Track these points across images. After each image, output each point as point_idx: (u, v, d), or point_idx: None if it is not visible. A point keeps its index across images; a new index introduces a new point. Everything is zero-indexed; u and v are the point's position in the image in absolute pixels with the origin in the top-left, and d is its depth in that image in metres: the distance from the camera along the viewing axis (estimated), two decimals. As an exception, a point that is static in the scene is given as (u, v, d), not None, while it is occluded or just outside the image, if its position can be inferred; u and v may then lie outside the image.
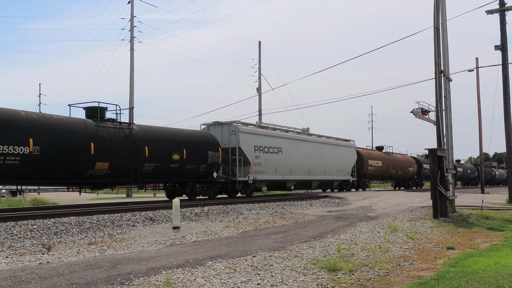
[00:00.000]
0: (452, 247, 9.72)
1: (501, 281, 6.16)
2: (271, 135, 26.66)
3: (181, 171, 20.37)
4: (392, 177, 45.05)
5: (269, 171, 25.75)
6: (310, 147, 30.16)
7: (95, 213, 14.16)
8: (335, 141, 34.18)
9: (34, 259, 8.27)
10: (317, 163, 30.47)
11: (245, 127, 24.66)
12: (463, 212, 17.03)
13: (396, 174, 44.38)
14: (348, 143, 35.79)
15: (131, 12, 38.86)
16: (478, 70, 37.86)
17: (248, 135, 24.51)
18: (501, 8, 21.50)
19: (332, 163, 32.18)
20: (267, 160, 25.49)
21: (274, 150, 26.28)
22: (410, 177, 47.71)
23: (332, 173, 32.51)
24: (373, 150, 42.95)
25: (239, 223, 14.26)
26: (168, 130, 21.12)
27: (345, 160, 34.39)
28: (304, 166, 29.06)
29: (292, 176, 28.00)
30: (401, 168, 44.80)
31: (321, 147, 31.59)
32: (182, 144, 20.48)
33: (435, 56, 17.22)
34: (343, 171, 33.82)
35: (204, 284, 6.20)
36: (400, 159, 45.81)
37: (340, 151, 33.92)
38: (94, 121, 17.52)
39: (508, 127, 21.39)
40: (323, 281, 6.49)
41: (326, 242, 10.13)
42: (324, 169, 31.38)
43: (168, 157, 19.66)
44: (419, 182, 50.49)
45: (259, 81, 46.49)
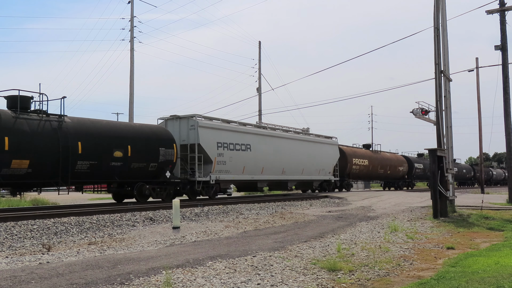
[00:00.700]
0: (452, 247, 9.72)
1: (501, 281, 6.17)
2: (238, 130, 24.10)
3: (125, 170, 18.08)
4: (380, 177, 42.66)
5: (235, 170, 23.41)
6: (285, 144, 27.69)
7: (95, 213, 14.16)
8: (314, 138, 31.52)
9: (34, 259, 8.27)
10: (293, 161, 28.08)
11: (206, 122, 22.16)
12: (463, 212, 17.03)
13: (384, 173, 41.96)
14: (329, 140, 33.30)
15: (131, 12, 38.86)
16: (478, 70, 37.88)
17: (210, 131, 22.06)
18: (501, 8, 21.50)
19: (310, 161, 29.75)
20: (233, 158, 23.08)
21: (242, 147, 23.81)
22: (400, 177, 45.48)
23: (311, 172, 30.07)
24: (359, 148, 40.26)
25: (239, 223, 14.26)
26: (109, 124, 18.71)
27: (326, 158, 31.91)
28: (277, 164, 26.67)
29: (263, 175, 25.55)
30: (390, 168, 42.41)
31: (298, 144, 29.02)
32: (126, 140, 18.15)
33: (435, 56, 17.23)
34: (323, 171, 31.34)
35: (204, 284, 6.20)
36: (389, 157, 43.28)
37: (320, 149, 31.37)
38: (13, 112, 15.27)
39: (508, 127, 21.39)
40: (323, 281, 6.49)
41: (326, 242, 10.13)
42: (302, 168, 28.96)
43: (109, 154, 17.35)
44: (410, 182, 48.09)
45: (259, 81, 46.50)
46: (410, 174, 46.79)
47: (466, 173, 63.07)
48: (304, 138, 30.13)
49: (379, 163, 40.22)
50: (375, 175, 41.24)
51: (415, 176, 48.14)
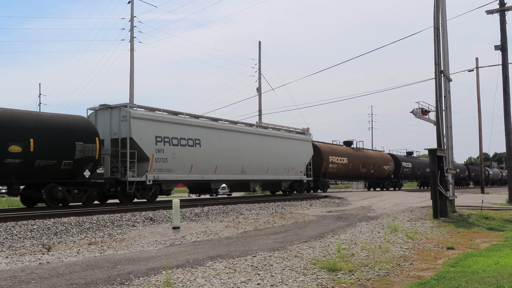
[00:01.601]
0: (452, 247, 9.72)
1: (501, 281, 6.17)
2: (185, 123, 20.74)
3: (27, 169, 15.18)
4: (361, 176, 38.88)
5: (181, 169, 20.22)
6: (245, 139, 24.27)
7: (95, 213, 14.15)
8: (282, 133, 27.98)
9: (34, 259, 8.27)
10: (256, 159, 24.71)
11: (141, 112, 18.97)
12: (463, 212, 17.03)
13: (367, 173, 38.26)
14: (301, 136, 29.55)
15: (131, 12, 38.87)
16: (478, 70, 37.91)
17: (147, 123, 18.92)
18: (501, 8, 21.50)
19: (277, 159, 26.41)
20: (177, 155, 19.89)
21: (189, 142, 20.53)
22: (385, 177, 41.83)
23: (278, 171, 26.76)
24: (337, 145, 36.55)
25: (239, 223, 14.26)
26: (4, 112, 15.12)
27: (297, 156, 28.34)
28: (235, 163, 23.43)
29: (217, 175, 22.46)
30: (374, 166, 38.76)
31: (261, 139, 25.59)
32: (27, 132, 15.11)
33: (435, 56, 17.23)
34: (293, 170, 27.90)
35: (204, 284, 6.20)
36: (373, 156, 39.57)
37: (290, 145, 27.87)
38: None
39: (508, 127, 21.39)
40: (323, 281, 6.49)
41: (326, 242, 10.13)
42: (266, 167, 25.57)
43: (1, 149, 14.47)
44: (397, 182, 44.47)
45: (259, 81, 46.50)
46: (397, 174, 43.65)
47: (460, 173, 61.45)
48: (269, 133, 26.65)
49: (361, 161, 36.86)
50: (356, 175, 37.69)
51: (402, 176, 45.05)
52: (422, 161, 48.93)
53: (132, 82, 37.65)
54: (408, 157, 47.86)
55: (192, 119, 21.46)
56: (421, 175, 48.35)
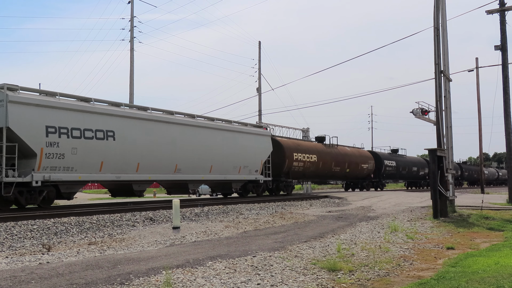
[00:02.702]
0: (452, 247, 9.72)
1: (501, 281, 6.17)
2: (91, 110, 16.57)
3: None
4: (335, 175, 35.04)
5: (86, 167, 16.34)
6: (179, 132, 20.32)
7: (95, 213, 14.15)
8: (232, 126, 23.94)
9: (34, 259, 8.27)
10: (195, 156, 20.81)
11: (26, 96, 15.15)
12: (463, 212, 17.03)
13: (341, 172, 34.33)
14: (257, 130, 25.73)
15: (131, 12, 38.88)
16: (478, 70, 37.92)
17: (33, 109, 15.09)
18: (501, 8, 21.51)
19: (225, 156, 22.62)
20: (79, 149, 15.97)
21: (98, 134, 16.63)
22: (364, 176, 38.04)
23: (226, 170, 22.88)
24: (305, 141, 32.61)
25: (239, 223, 14.26)
26: None
27: (251, 152, 24.39)
28: (166, 160, 19.44)
29: (140, 174, 18.41)
30: (350, 165, 34.87)
31: (202, 133, 21.55)
32: None
33: (435, 56, 17.23)
34: (246, 168, 24.10)
35: (204, 284, 6.20)
36: (349, 153, 35.70)
37: (242, 140, 24.03)
38: None
39: (508, 127, 21.39)
40: (323, 281, 6.49)
41: (326, 242, 10.13)
42: (209, 165, 21.72)
43: None
44: (379, 182, 40.68)
45: (259, 81, 46.50)
46: (378, 173, 39.84)
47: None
48: (214, 125, 22.60)
49: (334, 159, 32.96)
50: (328, 174, 33.54)
51: (385, 175, 41.15)
52: (409, 159, 46.79)
53: (132, 82, 37.66)
54: (392, 155, 44.44)
55: (104, 107, 17.32)
56: (407, 174, 45.74)
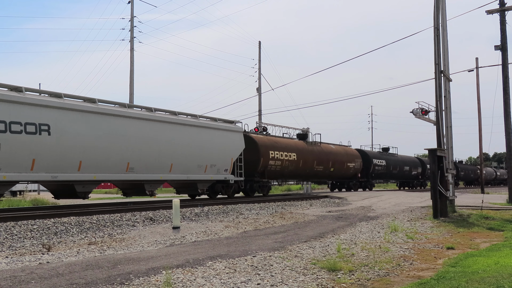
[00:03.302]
0: (452, 247, 9.72)
1: (501, 281, 6.17)
2: (18, 100, 14.51)
3: None
4: (318, 175, 32.50)
5: (13, 166, 14.41)
6: (132, 127, 17.94)
7: (95, 213, 14.16)
8: (197, 120, 21.53)
9: (34, 259, 8.27)
10: (151, 153, 18.60)
11: None
12: (463, 212, 17.04)
13: (325, 171, 32.15)
14: (227, 126, 23.30)
15: (131, 12, 38.89)
16: (478, 70, 37.93)
17: None
18: (501, 8, 21.51)
19: (187, 153, 20.36)
20: (3, 145, 14.06)
21: (28, 128, 14.65)
22: (350, 176, 36.07)
23: (189, 169, 20.60)
24: (284, 138, 30.03)
25: (239, 223, 14.26)
26: None
27: (219, 149, 22.21)
28: (115, 157, 17.16)
29: (83, 174, 16.27)
30: (335, 164, 32.77)
31: (161, 128, 19.27)
32: None
33: (435, 56, 17.23)
34: (213, 167, 21.90)
35: (204, 284, 6.20)
36: (334, 151, 33.56)
37: (208, 136, 21.73)
38: None
39: (508, 127, 21.40)
40: (323, 281, 6.49)
41: (326, 242, 10.13)
42: (169, 163, 19.46)
43: None
44: (367, 182, 38.65)
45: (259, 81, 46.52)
46: (366, 172, 37.89)
47: None
48: (174, 119, 20.20)
49: (316, 157, 30.79)
50: (310, 173, 31.18)
51: (373, 175, 39.13)
52: (400, 158, 45.18)
53: (132, 82, 37.66)
54: (382, 153, 42.28)
55: (37, 97, 15.34)
56: (398, 174, 44.11)
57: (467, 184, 66.89)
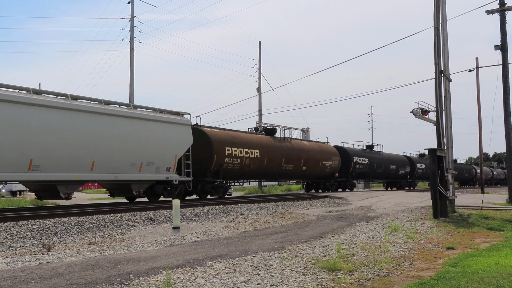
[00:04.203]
0: (452, 247, 9.72)
1: (501, 281, 6.17)
2: None
3: None
4: (287, 174, 29.28)
5: None
6: (43, 117, 15.36)
7: (95, 213, 14.16)
8: (132, 111, 18.53)
9: (34, 259, 8.27)
10: (65, 148, 15.79)
11: None
12: (463, 212, 17.03)
13: (295, 170, 29.03)
14: (170, 118, 20.32)
15: (131, 12, 38.90)
16: (478, 70, 37.92)
17: None
18: (501, 8, 21.51)
19: (116, 149, 17.44)
20: None
21: None
22: (327, 175, 32.95)
23: (119, 168, 17.63)
24: (245, 133, 26.79)
25: (239, 223, 14.26)
26: None
27: (160, 145, 19.30)
28: (12, 153, 14.57)
29: None
30: (307, 162, 29.76)
31: (82, 119, 16.40)
32: None
33: (435, 56, 17.23)
34: (152, 166, 18.90)
35: (204, 284, 6.20)
36: (307, 148, 30.45)
37: (146, 130, 18.80)
38: None
39: (508, 127, 21.39)
40: (323, 281, 6.49)
41: (326, 242, 10.13)
42: (91, 161, 16.61)
43: None
44: (346, 182, 35.69)
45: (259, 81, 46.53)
46: (346, 172, 35.00)
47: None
48: (99, 109, 17.09)
49: (285, 155, 27.82)
50: (277, 173, 28.06)
51: (354, 174, 36.18)
52: (386, 156, 42.11)
53: (132, 82, 37.66)
54: (365, 151, 39.26)
55: None
56: (383, 173, 41.28)
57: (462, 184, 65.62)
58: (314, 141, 34.32)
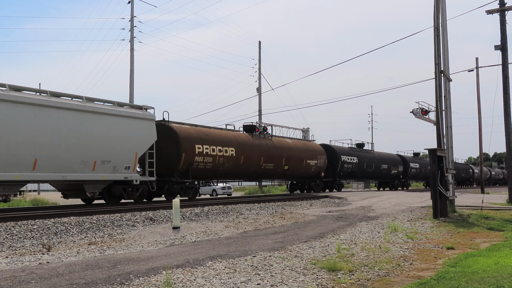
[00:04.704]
0: (452, 247, 9.72)
1: (501, 281, 6.17)
2: None
3: None
4: (266, 174, 27.15)
5: None
6: None
7: (95, 213, 14.16)
8: (84, 104, 16.79)
9: (34, 259, 8.27)
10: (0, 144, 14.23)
11: None
12: (463, 212, 17.03)
13: (276, 170, 26.95)
14: (132, 112, 18.56)
15: (131, 12, 38.90)
16: (478, 70, 37.93)
17: None
18: (501, 8, 21.50)
19: (65, 146, 15.88)
20: None
21: None
22: (312, 175, 31.05)
23: (68, 166, 16.06)
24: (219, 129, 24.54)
25: (239, 223, 14.26)
26: None
27: (117, 142, 17.67)
28: None
29: None
30: (289, 161, 27.85)
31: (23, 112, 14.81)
32: None
33: (435, 56, 17.23)
34: (108, 164, 17.32)
35: (204, 284, 6.20)
36: (291, 146, 28.62)
37: (101, 124, 17.17)
38: None
39: (508, 127, 21.39)
40: (323, 281, 6.49)
41: (326, 242, 10.13)
42: (32, 158, 14.99)
43: None
44: (334, 182, 33.91)
45: (259, 81, 46.53)
46: (333, 171, 33.16)
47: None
48: (44, 102, 15.51)
49: (264, 153, 25.68)
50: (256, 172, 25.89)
51: (342, 174, 34.30)
52: (377, 155, 40.12)
53: (132, 82, 37.66)
54: (354, 150, 37.32)
55: None
56: (374, 173, 39.20)
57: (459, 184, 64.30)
58: (299, 138, 31.96)
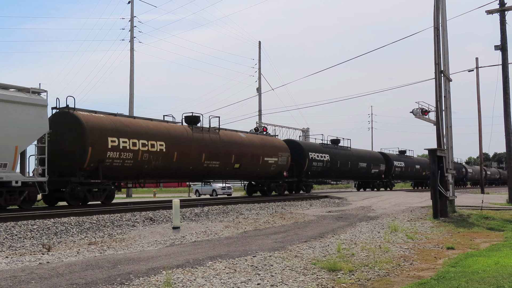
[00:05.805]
0: (452, 247, 9.72)
1: (501, 281, 6.17)
2: None
3: None
4: (212, 173, 22.54)
5: None
6: None
7: (95, 213, 14.15)
8: None
9: (34, 259, 8.27)
10: None
11: None
12: (463, 212, 17.03)
13: (225, 169, 22.86)
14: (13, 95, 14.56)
15: (131, 12, 38.91)
16: (478, 70, 37.94)
17: None
18: (501, 8, 21.50)
19: None
20: None
21: None
22: (272, 175, 26.56)
23: None
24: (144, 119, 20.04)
25: (239, 223, 14.26)
26: None
27: None
28: None
29: None
30: (241, 158, 23.60)
31: None
32: None
33: (435, 56, 17.23)
34: None
35: (204, 284, 6.20)
36: (245, 142, 24.34)
37: None
38: None
39: (508, 127, 21.39)
40: (323, 281, 6.49)
41: (326, 242, 10.13)
42: None
43: None
44: (299, 183, 29.41)
45: (259, 81, 46.50)
46: (298, 170, 28.86)
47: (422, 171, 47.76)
48: None
49: (206, 148, 21.63)
50: (196, 171, 21.62)
51: (310, 173, 29.87)
52: (354, 153, 35.90)
53: (132, 82, 37.66)
54: (327, 147, 32.73)
55: None
56: (350, 172, 35.09)
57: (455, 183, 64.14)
58: (255, 133, 27.66)
